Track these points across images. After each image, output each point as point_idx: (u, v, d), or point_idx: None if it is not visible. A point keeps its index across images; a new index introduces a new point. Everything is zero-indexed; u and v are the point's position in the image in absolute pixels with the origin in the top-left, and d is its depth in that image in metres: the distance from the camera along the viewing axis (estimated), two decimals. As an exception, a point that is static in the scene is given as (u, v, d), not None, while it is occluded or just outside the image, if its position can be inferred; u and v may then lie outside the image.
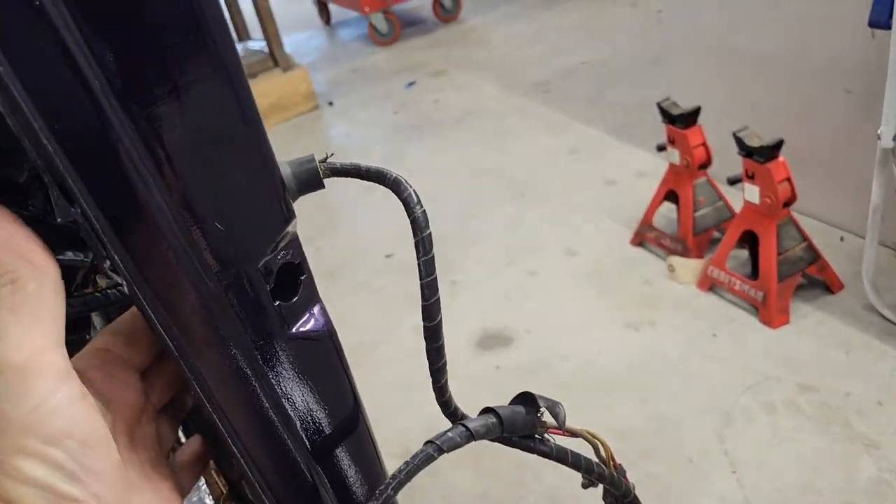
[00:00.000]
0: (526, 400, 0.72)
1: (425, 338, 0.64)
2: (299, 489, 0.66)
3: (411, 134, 4.33)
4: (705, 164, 2.63)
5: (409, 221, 0.64)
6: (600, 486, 0.81)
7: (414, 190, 0.64)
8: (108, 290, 0.59)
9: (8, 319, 0.39)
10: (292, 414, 0.64)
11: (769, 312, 2.35)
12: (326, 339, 0.65)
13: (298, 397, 0.64)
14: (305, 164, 0.63)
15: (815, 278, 2.45)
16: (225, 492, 0.75)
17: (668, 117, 2.64)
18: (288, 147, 4.55)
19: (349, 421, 0.69)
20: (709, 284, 2.57)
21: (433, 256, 0.62)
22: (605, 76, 4.48)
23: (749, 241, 2.49)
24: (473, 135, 4.16)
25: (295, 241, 0.62)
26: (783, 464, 1.93)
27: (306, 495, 0.66)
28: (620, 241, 2.94)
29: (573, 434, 0.72)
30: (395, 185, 0.64)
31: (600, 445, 0.74)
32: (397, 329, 2.72)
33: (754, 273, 2.46)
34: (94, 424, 0.41)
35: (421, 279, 0.62)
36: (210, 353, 0.57)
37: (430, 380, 0.67)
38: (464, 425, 0.69)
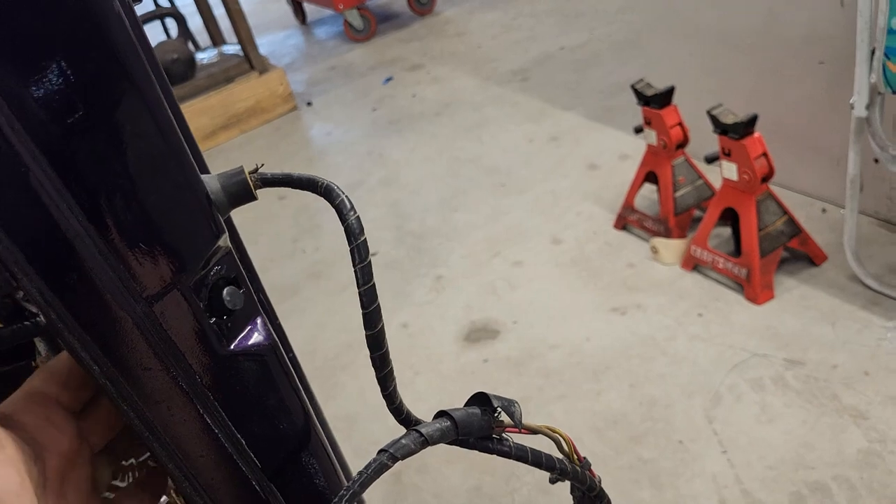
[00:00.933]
0: (481, 401, 0.71)
1: (368, 346, 0.63)
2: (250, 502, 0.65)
3: (390, 129, 4.31)
4: (683, 144, 2.62)
5: (344, 230, 0.63)
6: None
7: (346, 196, 0.63)
8: (39, 320, 0.58)
9: None
10: (239, 433, 0.63)
11: (753, 289, 2.34)
12: (269, 353, 0.63)
13: (244, 415, 0.63)
14: (235, 177, 0.61)
15: (798, 252, 2.45)
16: (183, 512, 0.74)
17: (643, 99, 2.63)
18: (269, 150, 4.53)
19: (300, 435, 0.68)
20: (692, 264, 2.56)
21: (370, 262, 0.61)
22: (582, 61, 4.47)
23: (731, 218, 2.48)
24: (453, 127, 4.14)
25: (229, 256, 0.61)
26: (773, 440, 1.92)
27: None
28: (604, 225, 2.93)
29: (532, 431, 0.71)
30: (326, 193, 0.63)
31: (562, 440, 0.73)
32: (385, 328, 2.70)
33: (737, 250, 2.45)
34: (8, 481, 0.40)
35: (359, 287, 0.61)
36: (145, 379, 0.55)
37: (379, 388, 0.66)
38: (417, 431, 0.68)
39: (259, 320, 0.64)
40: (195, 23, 5.61)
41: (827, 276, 2.38)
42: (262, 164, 0.64)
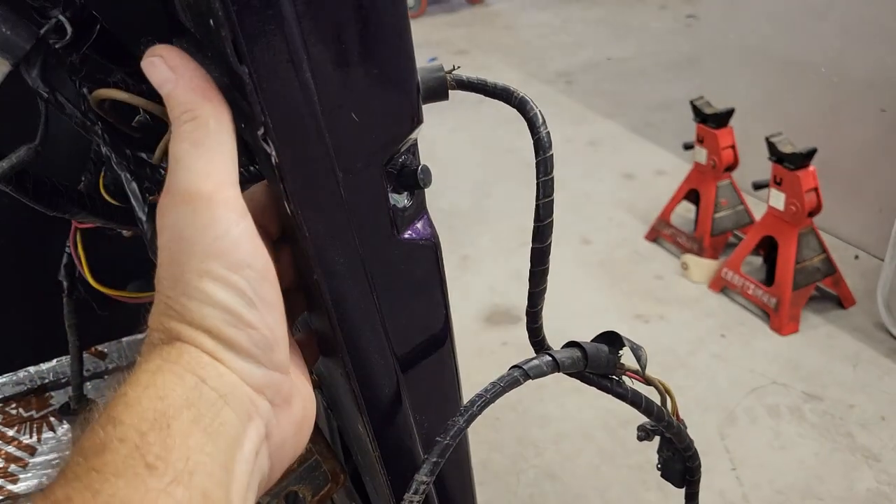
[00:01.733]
0: (610, 339, 0.72)
1: (532, 260, 0.64)
2: (386, 388, 0.66)
3: (429, 109, 4.28)
4: (732, 167, 2.63)
5: (534, 143, 0.63)
6: (655, 441, 0.81)
7: (539, 111, 0.63)
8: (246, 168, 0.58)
9: (192, 152, 0.40)
10: (389, 315, 0.63)
11: (780, 319, 2.35)
12: (431, 249, 0.64)
13: (399, 300, 0.64)
14: (435, 73, 0.62)
15: (828, 291, 2.46)
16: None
17: (701, 116, 2.63)
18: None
19: (439, 334, 0.69)
20: (721, 286, 2.57)
21: (553, 178, 0.61)
22: (628, 73, 4.47)
23: (766, 247, 2.49)
24: (492, 116, 4.14)
25: (415, 149, 0.61)
26: (784, 466, 1.94)
27: (391, 397, 0.66)
28: (635, 234, 2.94)
29: (648, 381, 0.72)
30: (520, 105, 0.63)
31: (669, 399, 0.73)
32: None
33: (769, 279, 2.47)
34: (267, 259, 0.42)
35: (537, 200, 0.61)
36: (330, 234, 0.56)
37: (526, 302, 0.66)
38: (550, 355, 0.68)
39: (425, 217, 0.64)
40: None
41: (853, 320, 2.40)
42: (460, 66, 0.65)
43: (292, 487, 0.83)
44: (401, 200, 0.61)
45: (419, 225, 0.63)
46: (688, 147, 2.75)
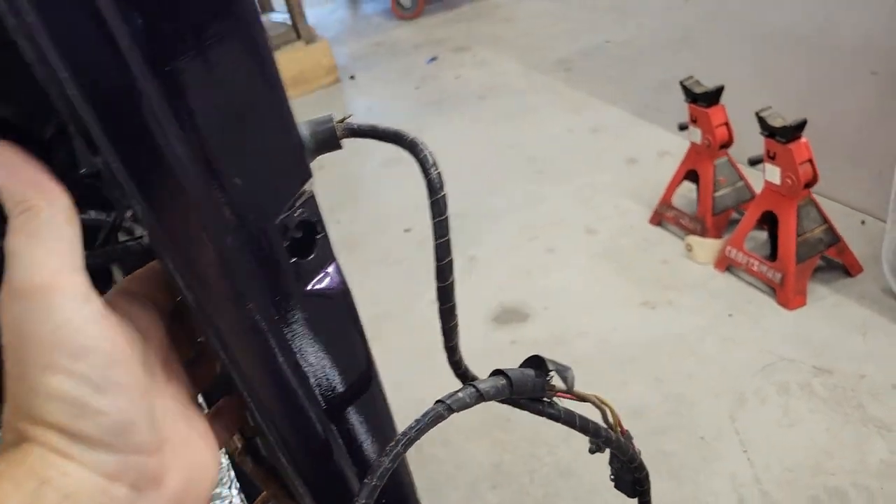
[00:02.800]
0: (536, 363, 0.73)
1: (438, 298, 0.65)
2: (312, 445, 0.68)
3: (432, 109, 4.33)
4: (727, 144, 2.61)
5: (426, 184, 0.65)
6: (607, 452, 0.82)
7: (430, 152, 0.65)
8: (129, 243, 0.61)
9: (27, 244, 0.40)
10: (307, 370, 0.65)
11: (786, 294, 2.34)
12: (341, 297, 0.66)
13: (312, 354, 0.65)
14: (323, 125, 0.64)
15: (833, 261, 2.44)
16: (240, 447, 0.77)
17: (691, 96, 2.62)
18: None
19: (362, 380, 0.71)
20: (726, 265, 2.56)
21: (447, 217, 0.63)
22: (628, 56, 4.45)
23: (768, 222, 2.47)
24: (494, 111, 4.15)
25: (311, 200, 0.64)
26: (794, 444, 1.93)
27: (319, 451, 0.68)
28: (640, 220, 2.93)
29: (582, 398, 0.74)
30: (412, 147, 0.65)
31: (608, 411, 0.75)
32: (416, 302, 2.74)
33: (773, 254, 2.45)
34: (116, 341, 0.42)
35: (435, 240, 0.63)
36: (227, 306, 0.58)
37: (443, 340, 0.68)
38: (473, 386, 0.70)
39: (333, 266, 0.66)
40: (245, -11, 5.64)
41: (861, 288, 2.37)
42: (351, 115, 0.67)
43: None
44: (302, 253, 0.63)
45: (325, 275, 0.65)
46: (682, 127, 2.74)
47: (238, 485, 1.21)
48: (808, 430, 1.97)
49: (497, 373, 0.73)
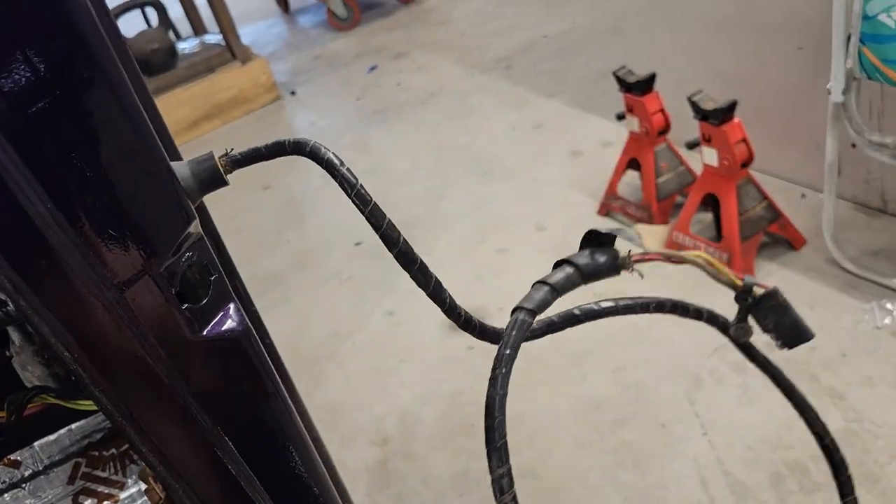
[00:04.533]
0: (594, 240, 0.69)
1: (402, 265, 0.64)
2: (229, 492, 0.66)
3: (375, 118, 4.31)
4: (664, 130, 2.63)
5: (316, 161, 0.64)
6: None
7: (333, 153, 0.64)
8: (9, 308, 0.59)
9: None
10: (213, 419, 0.63)
11: (734, 273, 2.36)
12: (242, 339, 0.64)
13: (218, 400, 0.64)
14: (205, 163, 0.62)
15: (777, 236, 2.47)
16: (162, 497, 0.75)
17: (625, 85, 2.64)
18: (252, 140, 4.49)
19: (278, 420, 0.69)
20: (674, 249, 2.58)
21: (375, 203, 0.63)
22: (565, 49, 4.47)
23: (711, 204, 2.50)
24: (437, 115, 4.14)
25: (200, 242, 0.62)
26: (753, 422, 1.95)
27: (236, 498, 0.66)
28: (588, 212, 2.95)
29: (671, 259, 0.70)
30: (295, 148, 0.64)
31: (715, 268, 0.69)
32: (370, 316, 2.72)
33: (718, 236, 2.47)
34: None
35: (379, 231, 0.63)
36: (116, 365, 0.56)
37: (431, 299, 0.67)
38: (544, 282, 0.67)
39: (232, 306, 0.64)
40: (176, 11, 5.57)
41: (806, 261, 2.41)
42: (233, 149, 0.65)
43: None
44: (194, 298, 0.61)
45: (223, 317, 0.63)
46: (620, 117, 2.75)
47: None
48: (766, 406, 1.99)
49: (561, 263, 0.69)
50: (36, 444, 1.10)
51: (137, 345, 0.56)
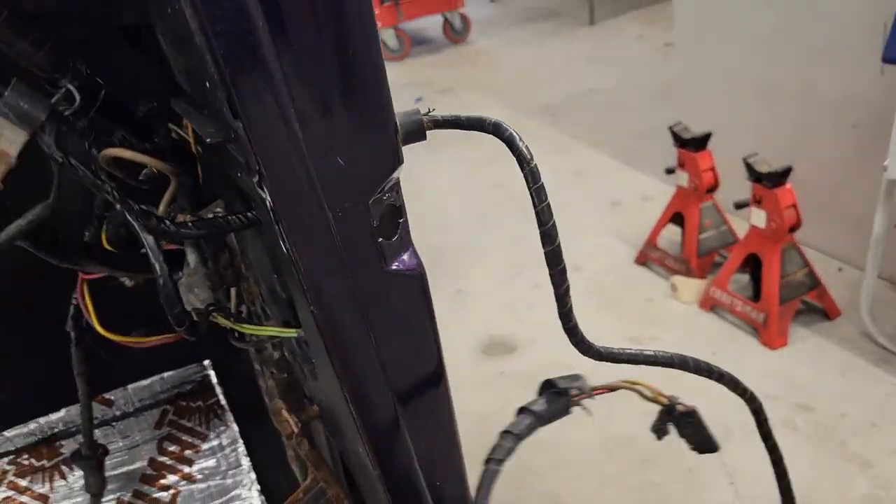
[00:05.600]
0: (549, 386, 0.79)
1: (548, 262, 0.69)
2: (382, 410, 0.71)
3: (418, 149, 4.36)
4: (713, 188, 2.70)
5: (516, 158, 0.70)
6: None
7: (514, 130, 0.70)
8: (230, 217, 0.64)
9: None
10: (382, 343, 0.68)
11: (769, 334, 2.41)
12: (418, 279, 0.69)
13: (389, 329, 0.69)
14: (412, 116, 0.68)
15: (813, 304, 2.52)
16: (296, 430, 0.80)
17: (680, 141, 2.71)
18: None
19: (431, 360, 0.74)
20: (710, 305, 2.63)
21: (543, 184, 0.68)
22: (610, 104, 4.57)
23: (752, 264, 2.55)
24: (480, 152, 4.22)
25: (398, 186, 0.68)
26: (780, 478, 1.98)
27: (388, 419, 0.71)
28: (624, 259, 3.00)
29: (611, 389, 0.80)
30: (495, 129, 0.70)
31: (643, 388, 0.81)
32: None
33: (756, 296, 2.52)
34: None
35: (535, 207, 0.68)
36: (323, 270, 0.62)
37: (556, 305, 0.72)
38: (509, 431, 0.76)
39: (411, 250, 0.70)
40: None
41: (840, 331, 2.45)
42: (434, 109, 0.72)
43: (300, 513, 0.88)
44: (387, 234, 0.67)
45: (405, 257, 0.69)
46: (670, 171, 2.82)
47: (259, 487, 1.22)
48: (793, 465, 2.00)
49: (522, 411, 0.80)
50: (129, 386, 1.15)
51: (341, 263, 0.61)
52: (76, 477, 1.14)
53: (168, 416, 1.19)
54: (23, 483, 1.13)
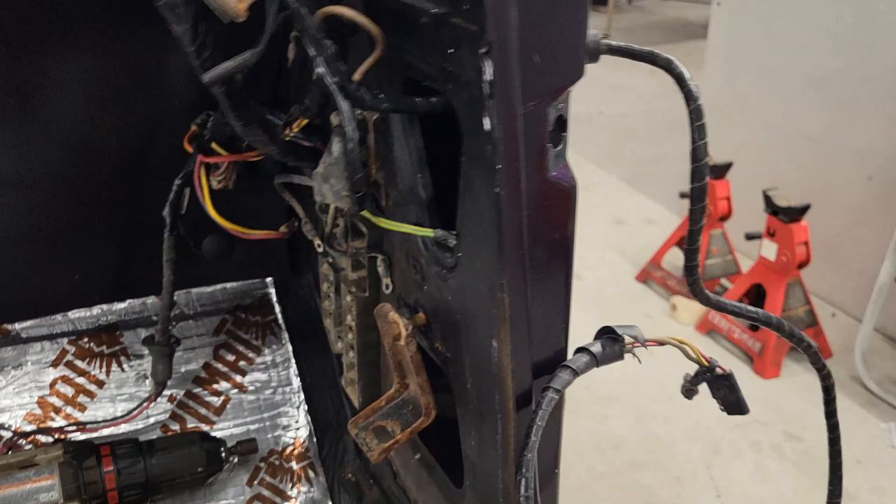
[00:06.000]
0: (606, 332, 0.83)
1: (691, 197, 0.72)
2: (520, 297, 0.72)
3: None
4: (725, 217, 2.76)
5: (684, 95, 0.73)
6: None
7: (685, 68, 0.73)
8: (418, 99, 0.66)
9: None
10: (530, 241, 0.70)
11: (764, 364, 2.46)
12: (571, 191, 0.72)
13: (538, 237, 0.71)
14: (593, 37, 0.71)
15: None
16: (406, 332, 0.80)
17: (700, 166, 2.77)
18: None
19: (563, 259, 0.75)
20: (707, 328, 2.68)
21: (704, 123, 0.71)
22: (620, 128, 4.65)
23: (753, 296, 2.61)
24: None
25: (567, 99, 0.70)
26: (766, 498, 2.03)
27: (522, 308, 0.72)
28: (625, 275, 3.05)
29: (659, 343, 0.83)
30: (667, 65, 0.73)
31: (688, 348, 0.84)
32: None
33: (753, 325, 2.58)
34: None
35: (693, 143, 0.71)
36: (512, 158, 0.64)
37: (687, 239, 0.74)
38: (568, 366, 0.80)
39: (565, 163, 0.73)
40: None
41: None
42: (609, 35, 0.74)
43: (380, 422, 0.89)
44: (554, 142, 0.69)
45: (563, 168, 0.71)
46: (684, 196, 2.88)
47: (306, 407, 1.23)
48: (779, 488, 2.07)
49: (580, 350, 0.83)
50: (193, 290, 1.15)
51: (519, 164, 0.64)
52: (132, 367, 1.14)
53: (227, 326, 1.19)
54: (81, 365, 1.13)
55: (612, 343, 0.81)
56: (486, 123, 0.59)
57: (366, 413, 0.91)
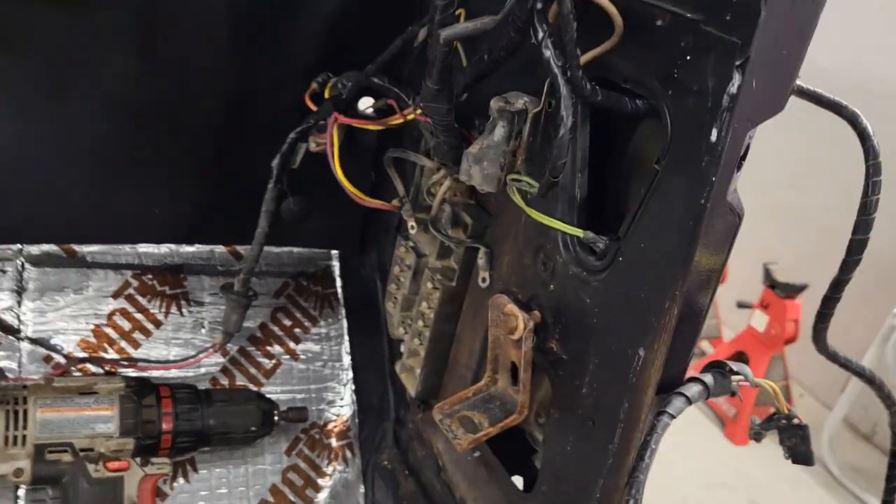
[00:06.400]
0: (716, 365, 0.85)
1: (850, 250, 0.74)
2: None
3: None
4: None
5: (864, 151, 0.75)
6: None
7: (869, 125, 0.75)
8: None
9: None
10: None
11: (735, 429, 2.52)
12: (739, 220, 0.73)
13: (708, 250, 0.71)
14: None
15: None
16: (528, 325, 0.80)
17: (703, 228, 2.83)
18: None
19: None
20: (683, 387, 2.73)
21: (880, 181, 0.73)
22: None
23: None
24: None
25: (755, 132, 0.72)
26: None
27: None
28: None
29: (756, 385, 0.86)
30: (852, 118, 0.75)
31: (778, 393, 0.87)
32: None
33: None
34: None
35: (865, 196, 0.72)
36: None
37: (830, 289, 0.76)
38: (682, 394, 0.81)
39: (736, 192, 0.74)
40: None
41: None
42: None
43: (466, 413, 0.88)
44: (738, 167, 0.70)
45: (738, 195, 0.72)
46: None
47: (354, 386, 1.21)
48: (740, 551, 2.11)
49: (692, 380, 0.85)
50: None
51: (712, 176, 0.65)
52: (191, 313, 1.10)
53: (288, 290, 1.17)
54: (142, 301, 1.09)
55: (721, 377, 0.82)
56: (713, 135, 0.60)
57: (451, 401, 0.90)
